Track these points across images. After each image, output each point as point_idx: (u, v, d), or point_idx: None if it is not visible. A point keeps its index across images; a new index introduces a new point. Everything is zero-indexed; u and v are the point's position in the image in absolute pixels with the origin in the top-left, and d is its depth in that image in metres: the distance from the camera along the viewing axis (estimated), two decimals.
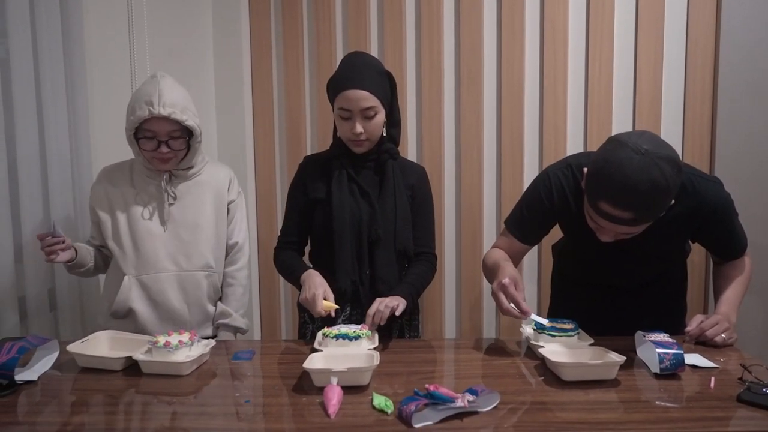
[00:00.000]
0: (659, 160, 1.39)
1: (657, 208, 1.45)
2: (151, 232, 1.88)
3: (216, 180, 1.98)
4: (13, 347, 1.38)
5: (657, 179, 1.38)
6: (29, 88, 1.93)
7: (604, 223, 1.50)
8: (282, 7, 2.83)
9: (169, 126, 1.78)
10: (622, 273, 1.81)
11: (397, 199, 1.85)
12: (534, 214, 1.78)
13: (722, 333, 1.59)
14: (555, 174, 1.74)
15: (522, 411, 1.23)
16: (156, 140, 1.79)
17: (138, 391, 1.36)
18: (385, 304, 1.65)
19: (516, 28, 2.70)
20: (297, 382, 1.39)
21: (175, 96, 1.78)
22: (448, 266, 2.85)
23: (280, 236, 1.97)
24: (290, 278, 1.88)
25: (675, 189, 1.44)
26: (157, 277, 1.87)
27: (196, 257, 1.91)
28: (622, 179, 1.40)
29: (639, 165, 1.39)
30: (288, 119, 2.89)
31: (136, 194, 1.89)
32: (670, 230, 1.65)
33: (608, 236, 1.55)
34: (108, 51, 2.28)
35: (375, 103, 1.75)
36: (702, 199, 1.62)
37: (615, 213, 1.44)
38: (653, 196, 1.40)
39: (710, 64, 2.62)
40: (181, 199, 1.91)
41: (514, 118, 2.74)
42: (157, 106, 1.73)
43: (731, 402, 1.24)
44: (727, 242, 1.74)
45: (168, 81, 1.81)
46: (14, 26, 1.87)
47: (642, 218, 1.45)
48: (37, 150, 1.97)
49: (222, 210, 1.98)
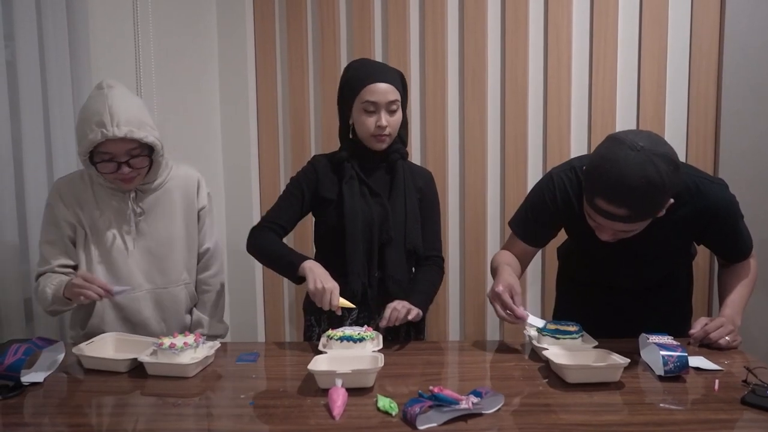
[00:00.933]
0: (655, 157, 1.39)
1: (652, 205, 1.45)
2: (122, 250, 1.77)
3: (184, 187, 1.87)
4: (20, 349, 1.39)
5: (652, 176, 1.38)
6: (36, 91, 1.94)
7: (602, 221, 1.51)
8: (286, 8, 2.85)
9: (127, 145, 1.63)
10: (627, 275, 1.81)
11: (408, 199, 1.85)
12: (538, 216, 1.79)
13: (726, 336, 1.59)
14: (559, 176, 1.75)
15: (526, 413, 1.23)
16: (115, 162, 1.64)
17: (143, 393, 1.36)
18: (402, 304, 1.68)
19: (520, 32, 2.70)
20: (301, 383, 1.40)
21: (128, 112, 1.62)
22: (453, 269, 2.85)
23: (266, 217, 1.88)
24: (277, 262, 1.80)
25: (672, 186, 1.44)
26: (133, 297, 1.78)
27: (171, 272, 1.84)
28: (617, 175, 1.40)
29: (634, 161, 1.39)
30: (292, 121, 2.90)
31: (101, 212, 1.75)
32: (674, 232, 1.65)
33: (607, 235, 1.55)
34: (113, 53, 2.29)
35: (398, 97, 1.79)
36: (707, 200, 1.62)
37: (610, 209, 1.45)
38: (648, 193, 1.40)
39: (714, 66, 2.62)
40: (150, 212, 1.80)
41: (518, 120, 2.75)
42: (111, 127, 1.58)
43: (735, 404, 1.24)
44: (732, 244, 1.74)
45: (117, 93, 1.64)
46: (21, 29, 1.89)
47: (637, 215, 1.45)
48: (43, 152, 1.99)
49: (192, 218, 1.90)
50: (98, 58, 2.19)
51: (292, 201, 1.88)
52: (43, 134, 1.98)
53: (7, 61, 1.89)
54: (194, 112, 2.74)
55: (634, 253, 1.69)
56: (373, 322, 1.84)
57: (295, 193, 1.88)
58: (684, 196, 1.56)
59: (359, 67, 1.83)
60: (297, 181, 1.90)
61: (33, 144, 1.95)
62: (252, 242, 1.85)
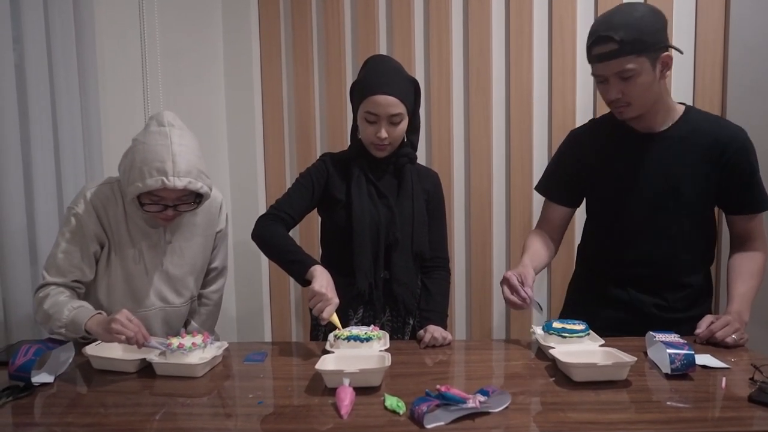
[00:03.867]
0: (636, 4, 1.64)
1: (636, 30, 1.57)
2: (142, 270, 1.76)
3: (207, 209, 1.87)
4: (30, 349, 1.40)
5: (628, 10, 1.61)
6: (44, 93, 1.96)
7: (601, 69, 1.65)
8: (291, 8, 2.86)
9: (181, 192, 1.63)
10: (646, 238, 1.77)
11: (415, 202, 1.86)
12: (560, 169, 1.93)
13: (733, 334, 1.59)
14: (576, 131, 1.95)
15: (533, 411, 1.24)
16: (162, 204, 1.64)
17: (152, 393, 1.37)
18: (440, 332, 1.73)
19: (524, 32, 2.71)
20: (309, 383, 1.41)
21: (190, 161, 1.60)
22: (459, 269, 2.86)
23: (275, 205, 1.84)
24: (284, 257, 1.74)
25: (652, 20, 1.60)
26: (144, 314, 1.77)
27: (183, 291, 1.86)
28: (601, 18, 1.66)
29: (616, 7, 1.66)
30: (297, 121, 2.91)
31: (129, 230, 1.73)
32: (693, 164, 1.71)
33: (614, 90, 1.65)
34: (120, 55, 2.31)
35: (402, 110, 1.76)
36: (726, 131, 1.73)
37: (602, 49, 1.61)
38: (629, 20, 1.58)
39: (719, 63, 2.62)
40: (173, 234, 1.80)
41: (523, 120, 2.75)
42: (172, 177, 1.55)
43: (743, 402, 1.24)
44: (750, 188, 1.73)
45: (178, 135, 1.62)
46: (29, 32, 1.90)
47: (626, 44, 1.58)
48: (52, 155, 2.00)
49: (209, 240, 1.91)
50: (105, 60, 2.21)
51: (302, 192, 1.86)
52: (52, 136, 2.00)
53: (16, 64, 1.90)
54: (200, 112, 2.76)
55: (658, 201, 1.74)
56: (379, 321, 1.85)
57: (306, 185, 1.87)
58: (703, 125, 1.73)
59: (370, 72, 1.80)
60: (309, 174, 1.89)
61: (41, 146, 1.96)
62: (259, 232, 1.79)
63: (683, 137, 1.73)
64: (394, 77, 1.78)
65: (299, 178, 1.91)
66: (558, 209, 1.94)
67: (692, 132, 1.73)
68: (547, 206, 1.97)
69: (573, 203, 1.96)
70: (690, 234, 1.77)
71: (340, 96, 2.83)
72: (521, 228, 2.78)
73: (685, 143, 1.73)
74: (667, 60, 1.65)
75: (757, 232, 1.78)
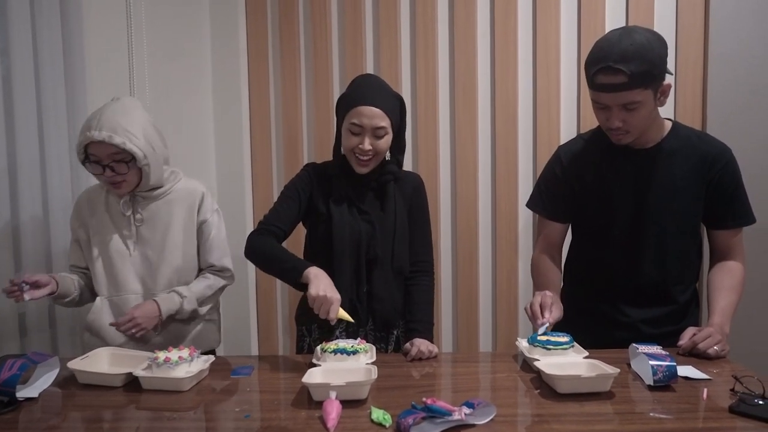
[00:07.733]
0: (637, 28, 1.64)
1: (644, 62, 1.57)
2: (121, 253, 1.87)
3: (187, 200, 1.93)
4: (15, 364, 1.39)
5: (637, 38, 1.59)
6: (30, 105, 1.97)
7: (606, 99, 1.64)
8: (279, 17, 2.88)
9: (108, 149, 1.74)
10: (637, 254, 1.79)
11: (397, 218, 1.86)
12: (551, 185, 1.93)
13: (715, 345, 1.61)
14: (564, 148, 1.94)
15: (518, 423, 1.25)
16: (100, 165, 1.76)
17: (138, 407, 1.37)
18: (426, 345, 1.74)
19: (509, 44, 2.74)
20: (296, 396, 1.41)
21: (115, 119, 1.73)
22: (445, 280, 2.87)
23: (265, 221, 1.84)
24: (279, 266, 1.73)
25: (659, 48, 1.61)
26: (126, 298, 1.87)
27: (160, 278, 1.89)
28: (607, 45, 1.61)
29: (619, 33, 1.62)
30: (285, 128, 2.93)
31: (109, 215, 1.88)
32: (684, 176, 1.75)
33: (616, 118, 1.66)
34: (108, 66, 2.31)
35: (386, 123, 1.77)
36: (711, 147, 1.77)
37: (610, 80, 1.60)
38: (638, 51, 1.57)
39: (699, 78, 2.66)
40: (150, 219, 1.89)
41: (509, 131, 2.78)
42: (94, 130, 1.71)
43: (724, 413, 1.26)
44: (734, 201, 1.77)
45: (117, 104, 1.78)
46: (16, 44, 1.91)
47: (635, 77, 1.57)
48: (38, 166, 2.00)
49: (191, 230, 1.94)
50: (93, 71, 2.20)
51: (290, 204, 1.86)
52: (38, 148, 2.00)
53: (2, 76, 1.90)
54: (187, 121, 2.76)
55: (645, 217, 1.76)
56: (363, 330, 1.85)
57: (293, 197, 1.87)
58: (691, 140, 1.77)
59: (357, 86, 1.83)
60: (293, 185, 1.89)
61: (27, 157, 1.96)
62: (251, 247, 1.79)
63: (674, 151, 1.77)
64: (380, 91, 1.80)
65: (284, 190, 1.91)
66: (556, 226, 1.95)
67: (682, 147, 1.77)
68: (543, 224, 1.98)
69: (568, 219, 1.96)
70: (679, 248, 1.81)
71: (327, 108, 2.84)
72: (507, 242, 2.80)
73: (675, 157, 1.76)
74: (666, 89, 1.67)
75: (737, 246, 1.81)
